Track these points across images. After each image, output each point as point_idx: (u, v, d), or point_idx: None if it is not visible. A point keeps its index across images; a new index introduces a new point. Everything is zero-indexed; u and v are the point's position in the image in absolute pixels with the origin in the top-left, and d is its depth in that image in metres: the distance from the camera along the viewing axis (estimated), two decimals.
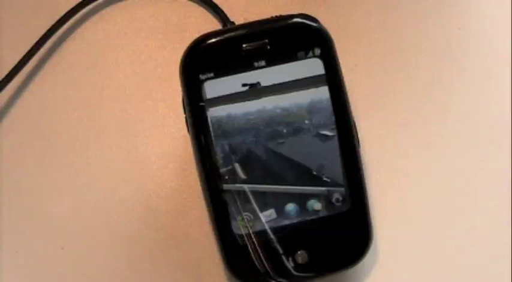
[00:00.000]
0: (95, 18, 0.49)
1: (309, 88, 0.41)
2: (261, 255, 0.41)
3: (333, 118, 0.41)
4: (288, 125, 0.42)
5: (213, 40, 0.41)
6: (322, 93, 0.41)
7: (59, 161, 0.46)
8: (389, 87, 0.47)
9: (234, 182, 0.41)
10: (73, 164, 0.46)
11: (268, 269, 0.41)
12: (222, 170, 0.41)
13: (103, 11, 0.49)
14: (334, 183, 0.41)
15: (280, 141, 0.42)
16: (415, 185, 0.46)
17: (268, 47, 0.41)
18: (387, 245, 0.44)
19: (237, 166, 0.41)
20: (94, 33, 0.48)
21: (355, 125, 0.42)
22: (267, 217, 0.41)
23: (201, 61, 0.41)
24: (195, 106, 0.41)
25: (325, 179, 0.41)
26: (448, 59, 0.48)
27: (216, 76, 0.41)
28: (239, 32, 0.42)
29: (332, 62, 0.41)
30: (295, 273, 0.41)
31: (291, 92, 0.41)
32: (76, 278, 0.45)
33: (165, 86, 0.47)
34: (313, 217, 0.41)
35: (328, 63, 0.41)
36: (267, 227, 0.41)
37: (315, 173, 0.41)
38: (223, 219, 0.41)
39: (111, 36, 0.48)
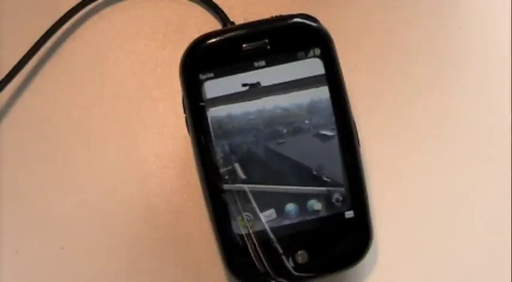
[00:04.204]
0: (95, 18, 0.49)
1: (309, 88, 0.41)
2: (261, 255, 0.41)
3: (333, 118, 0.41)
4: (288, 125, 0.42)
5: (213, 40, 0.41)
6: (322, 93, 0.41)
7: (59, 161, 0.46)
8: (389, 87, 0.47)
9: (234, 182, 0.41)
10: (73, 164, 0.46)
11: (268, 269, 0.41)
12: (222, 170, 0.41)
13: (103, 11, 0.49)
14: (334, 183, 0.41)
15: (280, 141, 0.42)
16: (415, 185, 0.46)
17: (268, 47, 0.41)
18: (387, 245, 0.45)
19: (237, 166, 0.41)
20: (94, 33, 0.48)
21: (355, 125, 0.42)
22: (267, 217, 0.41)
23: (201, 61, 0.41)
24: (195, 106, 0.41)
25: (325, 179, 0.41)
26: (448, 59, 0.48)
27: (216, 76, 0.41)
28: (239, 32, 0.42)
29: (332, 62, 0.41)
30: (295, 273, 0.41)
31: (291, 92, 0.41)
32: (76, 278, 0.45)
33: (165, 86, 0.47)
34: (313, 217, 0.41)
35: (328, 63, 0.41)
36: (267, 227, 0.41)
37: (315, 173, 0.42)
38: (223, 219, 0.41)
39: (111, 36, 0.48)
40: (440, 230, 0.45)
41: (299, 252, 0.41)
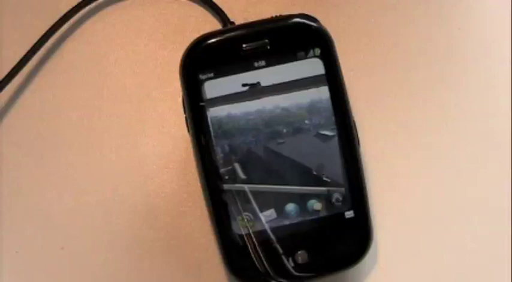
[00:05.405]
0: (95, 18, 0.49)
1: (309, 88, 0.41)
2: (261, 255, 0.41)
3: (333, 118, 0.41)
4: (288, 125, 0.42)
5: (213, 40, 0.41)
6: (322, 93, 0.41)
7: (59, 161, 0.46)
8: (389, 87, 0.47)
9: (234, 182, 0.41)
10: (73, 164, 0.46)
11: (268, 269, 0.41)
12: (222, 170, 0.41)
13: (103, 11, 0.49)
14: (334, 183, 0.41)
15: (280, 141, 0.42)
16: (415, 185, 0.46)
17: (268, 47, 0.41)
18: (387, 245, 0.44)
19: (237, 166, 0.41)
20: (94, 33, 0.48)
21: (355, 125, 0.42)
22: (267, 217, 0.41)
23: (201, 61, 0.41)
24: (195, 106, 0.41)
25: (325, 179, 0.41)
26: (448, 59, 0.48)
27: (216, 76, 0.41)
28: (239, 32, 0.42)
29: (332, 62, 0.41)
30: (295, 273, 0.41)
31: (291, 92, 0.41)
32: (76, 278, 0.45)
33: (165, 86, 0.47)
34: (313, 217, 0.41)
35: (328, 63, 0.41)
36: (267, 227, 0.41)
37: (315, 173, 0.41)
38: (223, 219, 0.41)
39: (111, 36, 0.48)
40: (440, 230, 0.45)
41: (299, 252, 0.41)
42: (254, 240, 0.41)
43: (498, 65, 0.48)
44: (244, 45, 0.41)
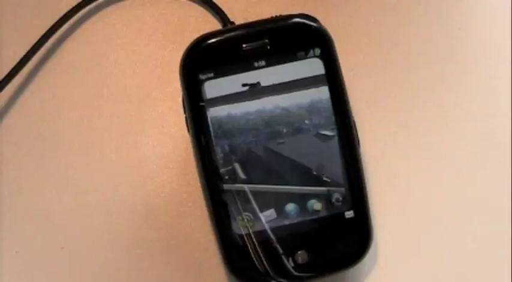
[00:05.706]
0: (95, 18, 0.49)
1: (309, 88, 0.41)
2: (261, 255, 0.41)
3: (333, 118, 0.41)
4: (288, 125, 0.42)
5: (213, 40, 0.41)
6: (322, 93, 0.41)
7: (59, 161, 0.46)
8: (389, 87, 0.47)
9: (234, 182, 0.41)
10: (73, 164, 0.46)
11: (268, 269, 0.41)
12: (222, 170, 0.41)
13: (103, 11, 0.49)
14: (334, 183, 0.41)
15: (280, 141, 0.42)
16: (415, 185, 0.46)
17: (268, 47, 0.41)
18: (387, 245, 0.44)
19: (237, 166, 0.41)
20: (94, 33, 0.48)
21: (355, 125, 0.42)
22: (267, 217, 0.41)
23: (201, 61, 0.41)
24: (195, 106, 0.41)
25: (325, 179, 0.41)
26: (448, 59, 0.48)
27: (216, 76, 0.41)
28: (239, 32, 0.42)
29: (332, 62, 0.41)
30: (295, 273, 0.41)
31: (291, 92, 0.41)
32: (76, 278, 0.45)
33: (165, 86, 0.47)
34: (313, 217, 0.41)
35: (328, 63, 0.41)
36: (267, 227, 0.41)
37: (315, 173, 0.41)
38: (223, 219, 0.41)
39: (111, 36, 0.48)
40: (440, 230, 0.45)
41: (299, 252, 0.41)
42: (254, 240, 0.41)
43: (498, 65, 0.48)
44: (244, 45, 0.41)
